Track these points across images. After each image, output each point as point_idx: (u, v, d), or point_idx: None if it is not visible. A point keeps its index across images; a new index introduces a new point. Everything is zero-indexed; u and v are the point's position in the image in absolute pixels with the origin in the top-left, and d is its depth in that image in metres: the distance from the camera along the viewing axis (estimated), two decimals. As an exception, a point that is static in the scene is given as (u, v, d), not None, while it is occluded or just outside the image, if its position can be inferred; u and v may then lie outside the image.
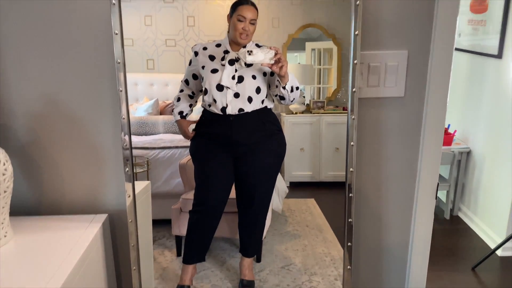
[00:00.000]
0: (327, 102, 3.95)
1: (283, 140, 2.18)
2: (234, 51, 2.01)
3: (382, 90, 1.32)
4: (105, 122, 1.27)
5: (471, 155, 3.15)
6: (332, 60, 4.03)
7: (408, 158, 1.39)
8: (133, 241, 1.26)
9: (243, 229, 2.36)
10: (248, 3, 1.95)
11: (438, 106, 1.32)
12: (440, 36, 1.27)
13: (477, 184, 3.07)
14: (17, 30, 1.21)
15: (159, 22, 3.59)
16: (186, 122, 2.15)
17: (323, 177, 3.78)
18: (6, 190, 1.08)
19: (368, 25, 1.26)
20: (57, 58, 1.24)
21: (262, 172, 2.16)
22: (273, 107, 2.14)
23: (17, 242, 1.12)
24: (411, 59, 1.30)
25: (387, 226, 1.46)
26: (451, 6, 1.24)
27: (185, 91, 2.19)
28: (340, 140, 3.75)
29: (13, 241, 1.12)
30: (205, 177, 2.14)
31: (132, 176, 1.24)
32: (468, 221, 3.15)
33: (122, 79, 1.18)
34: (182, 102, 2.18)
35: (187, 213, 2.36)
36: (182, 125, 2.15)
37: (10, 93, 1.24)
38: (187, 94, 2.19)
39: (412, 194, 1.42)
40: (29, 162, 1.29)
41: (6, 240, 1.10)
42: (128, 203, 1.25)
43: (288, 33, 3.78)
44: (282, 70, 1.82)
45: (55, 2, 1.20)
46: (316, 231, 3.01)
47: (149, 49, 3.57)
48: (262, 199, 2.27)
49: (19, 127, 1.27)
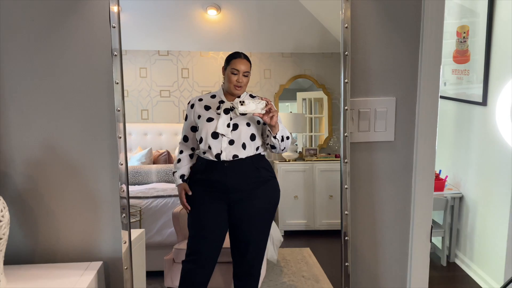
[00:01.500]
0: (320, 149, 4.00)
1: (277, 186, 2.20)
2: (229, 101, 2.08)
3: (372, 134, 1.37)
4: (102, 170, 1.29)
5: (463, 200, 3.17)
6: (323, 109, 4.13)
7: (401, 200, 1.41)
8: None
9: (238, 280, 2.30)
10: (241, 56, 2.05)
11: (427, 149, 1.36)
12: (426, 84, 1.34)
13: (471, 230, 3.07)
14: (19, 80, 1.26)
15: (154, 74, 3.69)
16: (187, 186, 2.12)
17: (317, 225, 3.75)
18: (1, 237, 1.07)
19: (357, 73, 1.33)
20: (58, 107, 1.28)
21: (256, 219, 2.15)
22: (266, 154, 2.18)
23: (10, 291, 1.10)
24: (399, 105, 1.37)
25: (384, 270, 1.45)
26: (434, 57, 1.32)
27: (185, 152, 2.16)
28: (334, 187, 3.75)
29: (5, 291, 1.10)
30: (198, 225, 2.13)
31: (128, 224, 1.24)
32: (465, 267, 3.11)
33: (121, 127, 1.22)
34: (183, 165, 2.14)
35: (180, 263, 2.31)
36: (184, 188, 2.11)
37: (11, 141, 1.27)
38: (188, 155, 2.16)
39: (407, 236, 1.42)
40: (25, 209, 1.29)
41: (-2, 289, 1.08)
42: (124, 249, 1.24)
43: (279, 84, 3.90)
44: (273, 120, 1.89)
45: (57, 52, 1.26)
46: (313, 282, 2.95)
47: (144, 100, 3.64)
48: (257, 247, 2.24)
49: (17, 175, 1.28)
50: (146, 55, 3.63)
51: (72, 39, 1.26)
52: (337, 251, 1.37)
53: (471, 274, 3.02)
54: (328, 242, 3.53)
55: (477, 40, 2.92)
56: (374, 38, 1.34)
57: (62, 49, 1.26)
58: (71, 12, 1.24)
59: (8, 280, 1.14)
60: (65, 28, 1.25)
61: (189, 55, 3.69)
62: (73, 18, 1.25)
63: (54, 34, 1.25)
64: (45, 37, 1.25)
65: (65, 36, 1.25)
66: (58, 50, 1.26)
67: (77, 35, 1.26)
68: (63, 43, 1.26)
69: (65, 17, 1.25)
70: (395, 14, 1.33)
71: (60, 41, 1.26)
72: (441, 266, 3.19)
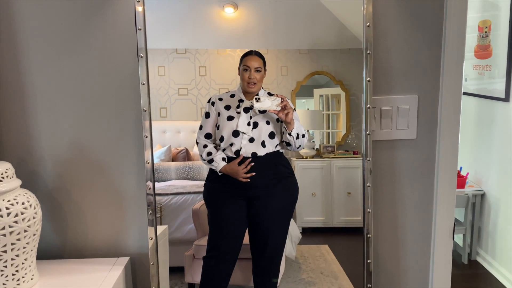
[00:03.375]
0: (337, 146, 3.99)
1: (295, 183, 2.21)
2: (248, 100, 2.10)
3: (394, 132, 1.37)
4: (129, 168, 1.33)
5: (485, 197, 3.13)
6: (340, 106, 4.10)
7: (423, 198, 1.41)
8: (154, 283, 1.27)
9: (257, 276, 2.32)
10: (252, 53, 2.07)
11: (450, 147, 1.35)
12: (448, 81, 1.33)
13: (493, 227, 3.03)
14: (48, 81, 1.30)
15: (172, 72, 3.71)
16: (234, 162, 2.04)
17: (335, 222, 3.74)
18: (35, 233, 1.11)
19: (379, 72, 1.33)
20: (85, 107, 1.32)
21: (275, 215, 2.16)
22: (284, 152, 2.19)
23: (43, 285, 1.14)
24: (421, 103, 1.36)
25: (406, 268, 1.45)
26: (457, 53, 1.31)
27: (209, 145, 2.10)
28: (352, 184, 3.74)
29: (38, 285, 1.14)
30: (218, 221, 2.15)
31: (154, 220, 1.28)
32: (487, 265, 3.07)
33: (147, 126, 1.25)
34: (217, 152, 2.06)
35: (200, 259, 2.34)
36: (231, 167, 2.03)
37: (41, 141, 1.31)
38: (214, 147, 2.10)
39: (429, 235, 1.42)
40: (55, 206, 1.34)
41: (33, 283, 1.13)
42: (150, 245, 1.27)
43: (296, 81, 3.89)
44: (288, 117, 1.90)
45: (85, 54, 1.30)
46: (331, 278, 2.94)
47: (162, 98, 3.67)
48: (276, 244, 2.25)
49: (48, 173, 1.32)
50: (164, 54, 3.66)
51: (98, 41, 1.29)
52: (356, 248, 1.37)
53: (492, 272, 2.98)
54: (346, 239, 3.52)
55: (500, 34, 2.87)
56: (395, 36, 1.33)
57: (89, 51, 1.29)
58: (98, 14, 1.27)
59: (40, 275, 1.19)
60: (92, 30, 1.28)
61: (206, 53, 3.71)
62: (100, 20, 1.28)
63: (81, 36, 1.28)
64: (72, 40, 1.29)
65: (92, 38, 1.29)
66: (86, 52, 1.29)
67: (104, 37, 1.29)
68: (90, 45, 1.29)
69: (92, 20, 1.28)
70: (417, 12, 1.33)
71: (87, 43, 1.29)
72: (462, 264, 3.16)
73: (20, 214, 1.07)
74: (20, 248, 1.08)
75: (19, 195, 1.10)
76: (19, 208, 1.07)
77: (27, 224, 1.08)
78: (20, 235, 1.07)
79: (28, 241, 1.10)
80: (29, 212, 1.09)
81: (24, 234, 1.08)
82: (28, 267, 1.11)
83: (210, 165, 2.10)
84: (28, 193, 1.13)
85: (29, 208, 1.10)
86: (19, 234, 1.07)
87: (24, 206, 1.09)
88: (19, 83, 1.29)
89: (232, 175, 2.04)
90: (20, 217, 1.07)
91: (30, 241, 1.10)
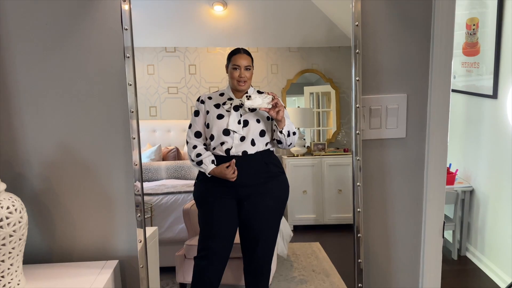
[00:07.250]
0: (328, 144, 4.00)
1: (286, 182, 2.21)
2: (237, 98, 2.08)
3: (384, 131, 1.37)
4: (117, 169, 1.31)
5: (474, 194, 3.16)
6: (331, 103, 4.12)
7: (413, 197, 1.41)
8: (144, 286, 1.26)
9: (248, 275, 2.32)
10: (240, 51, 2.06)
11: (439, 145, 1.36)
12: (437, 80, 1.33)
13: (482, 223, 3.06)
14: (34, 82, 1.28)
15: (161, 70, 3.70)
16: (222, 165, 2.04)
17: (327, 219, 3.76)
18: (21, 238, 1.09)
19: (368, 71, 1.33)
20: (72, 109, 1.30)
21: (266, 214, 2.16)
22: (275, 150, 2.19)
23: (29, 290, 1.13)
24: (410, 101, 1.36)
25: (396, 266, 1.46)
26: (445, 52, 1.32)
27: (199, 146, 2.10)
28: (343, 181, 3.77)
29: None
30: (209, 222, 2.14)
31: (143, 222, 1.26)
32: (477, 261, 3.11)
33: (135, 127, 1.23)
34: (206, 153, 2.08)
35: (191, 259, 2.34)
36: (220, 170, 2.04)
37: (26, 143, 1.29)
38: (203, 148, 2.11)
39: (419, 232, 1.43)
40: (42, 210, 1.32)
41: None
42: (139, 248, 1.26)
43: (286, 79, 3.90)
44: (279, 115, 1.90)
45: (70, 55, 1.28)
46: (323, 276, 2.96)
47: (152, 97, 3.66)
48: (267, 243, 2.25)
49: (34, 176, 1.30)
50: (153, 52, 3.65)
51: (84, 41, 1.27)
52: (347, 245, 1.38)
53: (482, 268, 3.02)
54: (337, 236, 3.55)
55: (487, 32, 2.89)
56: (384, 35, 1.33)
57: (75, 52, 1.27)
58: (84, 14, 1.25)
59: (27, 280, 1.17)
60: (78, 31, 1.26)
61: (196, 51, 3.70)
62: (85, 20, 1.26)
63: (67, 36, 1.26)
64: (58, 40, 1.26)
65: (78, 38, 1.27)
66: (71, 52, 1.27)
67: (90, 36, 1.27)
68: (76, 45, 1.27)
69: (78, 19, 1.26)
70: (405, 10, 1.33)
71: (73, 43, 1.27)
72: (452, 260, 3.19)
73: (5, 219, 1.05)
74: (5, 254, 1.06)
75: (3, 199, 1.07)
76: (4, 212, 1.05)
77: (13, 229, 1.06)
78: (5, 240, 1.05)
79: (14, 246, 1.08)
80: (14, 217, 1.07)
81: (9, 239, 1.06)
82: (15, 272, 1.09)
83: (199, 167, 2.09)
84: (14, 197, 1.11)
85: (15, 212, 1.08)
86: (4, 239, 1.05)
87: (9, 210, 1.06)
88: (3, 83, 1.26)
89: (221, 177, 2.03)
90: (5, 221, 1.05)
91: (16, 246, 1.08)
